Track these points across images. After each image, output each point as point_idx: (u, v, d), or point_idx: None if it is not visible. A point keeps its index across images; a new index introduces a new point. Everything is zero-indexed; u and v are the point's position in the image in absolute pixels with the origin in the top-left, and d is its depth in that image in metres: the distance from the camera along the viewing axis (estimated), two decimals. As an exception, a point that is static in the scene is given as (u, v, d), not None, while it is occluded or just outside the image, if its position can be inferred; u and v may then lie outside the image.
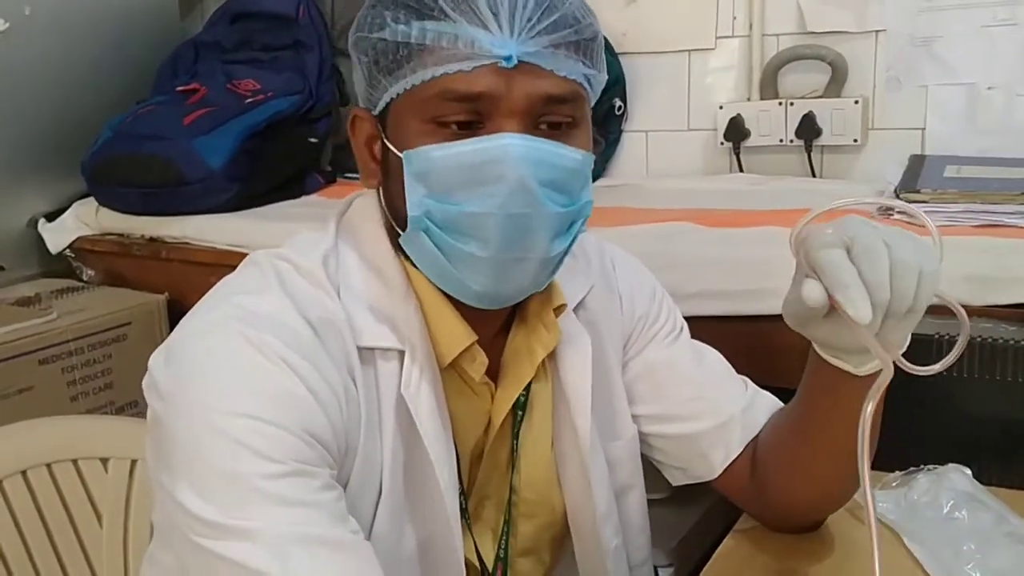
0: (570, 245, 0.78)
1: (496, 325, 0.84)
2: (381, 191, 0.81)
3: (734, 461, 0.91)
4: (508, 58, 0.70)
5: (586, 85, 0.76)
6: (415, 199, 0.74)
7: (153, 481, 0.73)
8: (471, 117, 0.72)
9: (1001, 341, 1.02)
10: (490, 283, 0.75)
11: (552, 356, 0.86)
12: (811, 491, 0.88)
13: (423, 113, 0.73)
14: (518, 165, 0.70)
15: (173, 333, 0.74)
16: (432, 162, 0.72)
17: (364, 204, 0.84)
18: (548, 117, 0.74)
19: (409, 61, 0.72)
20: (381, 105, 0.76)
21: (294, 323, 0.72)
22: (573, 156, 0.74)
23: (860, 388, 0.71)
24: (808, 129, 1.81)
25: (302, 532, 0.65)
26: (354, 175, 2.14)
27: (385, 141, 0.77)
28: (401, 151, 0.74)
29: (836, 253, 0.70)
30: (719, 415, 0.91)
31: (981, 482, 0.94)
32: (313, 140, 2.01)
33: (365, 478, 0.75)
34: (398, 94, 0.74)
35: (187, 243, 1.80)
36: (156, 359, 0.73)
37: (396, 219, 0.78)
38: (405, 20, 0.72)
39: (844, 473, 0.83)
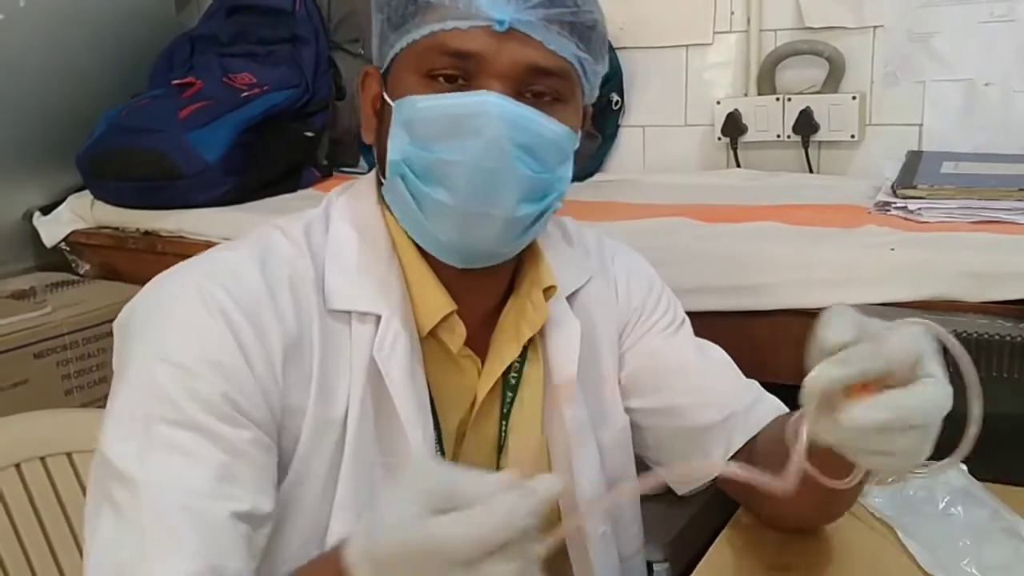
0: (541, 215, 0.80)
1: (486, 299, 0.85)
2: (376, 148, 0.84)
3: (734, 456, 0.90)
4: (501, 22, 0.74)
5: (577, 66, 0.79)
6: (397, 145, 0.78)
7: None
8: (460, 74, 0.76)
9: (998, 337, 1.02)
10: (456, 235, 0.78)
11: (543, 338, 0.87)
12: (804, 508, 0.87)
13: (418, 66, 0.77)
14: (495, 122, 0.74)
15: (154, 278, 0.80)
16: (417, 111, 0.76)
17: (362, 182, 0.87)
18: (533, 87, 0.77)
19: (414, 17, 0.77)
20: (387, 61, 0.81)
21: (249, 276, 0.76)
22: (551, 126, 0.77)
23: None
24: (805, 125, 1.81)
25: (179, 488, 0.68)
26: (351, 169, 2.15)
27: (384, 95, 0.81)
28: (394, 100, 0.79)
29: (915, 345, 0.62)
30: (722, 409, 0.91)
31: (977, 478, 0.94)
32: (309, 134, 2.01)
33: (319, 439, 0.76)
34: (401, 48, 0.79)
35: (182, 237, 1.80)
36: (131, 300, 0.78)
37: (384, 172, 0.82)
38: None
39: (838, 497, 0.78)
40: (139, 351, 0.73)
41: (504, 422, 0.87)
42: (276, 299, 0.76)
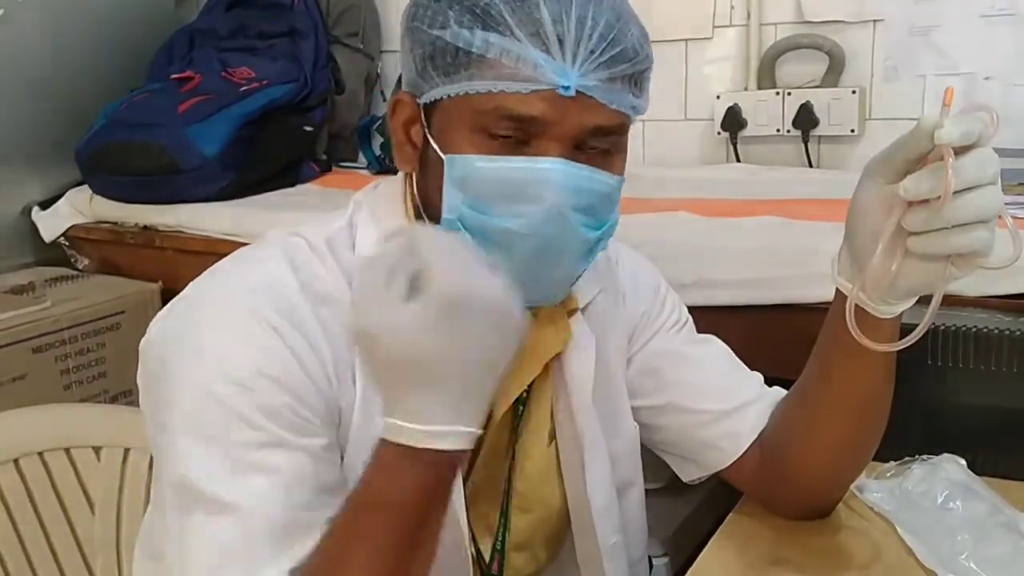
0: (590, 263, 0.80)
1: None
2: (415, 177, 0.82)
3: (747, 451, 0.91)
4: (567, 88, 0.71)
5: (632, 115, 0.77)
6: (452, 203, 0.75)
7: (151, 440, 0.75)
8: (520, 136, 0.73)
9: (997, 331, 1.02)
10: None
11: (557, 355, 0.86)
12: (823, 456, 0.87)
13: (473, 123, 0.73)
14: (557, 191, 0.72)
15: (176, 297, 0.77)
16: (475, 171, 0.73)
17: (389, 187, 0.84)
18: (592, 143, 0.75)
19: (467, 68, 0.72)
20: (429, 98, 0.76)
21: (290, 294, 0.74)
22: (609, 182, 0.76)
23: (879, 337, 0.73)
24: (805, 119, 1.80)
25: (277, 505, 0.68)
26: (349, 164, 2.15)
27: (428, 135, 0.77)
28: (445, 151, 0.75)
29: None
30: (728, 403, 0.91)
31: (976, 472, 0.94)
32: (308, 128, 2.00)
33: (363, 454, 0.75)
34: (449, 95, 0.74)
35: (181, 231, 1.80)
36: (155, 322, 0.76)
37: (427, 208, 0.79)
38: (469, 26, 0.72)
39: (858, 434, 0.86)
40: (190, 372, 0.71)
41: (514, 433, 0.87)
42: (320, 316, 0.74)
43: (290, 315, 0.73)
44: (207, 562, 0.68)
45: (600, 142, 0.75)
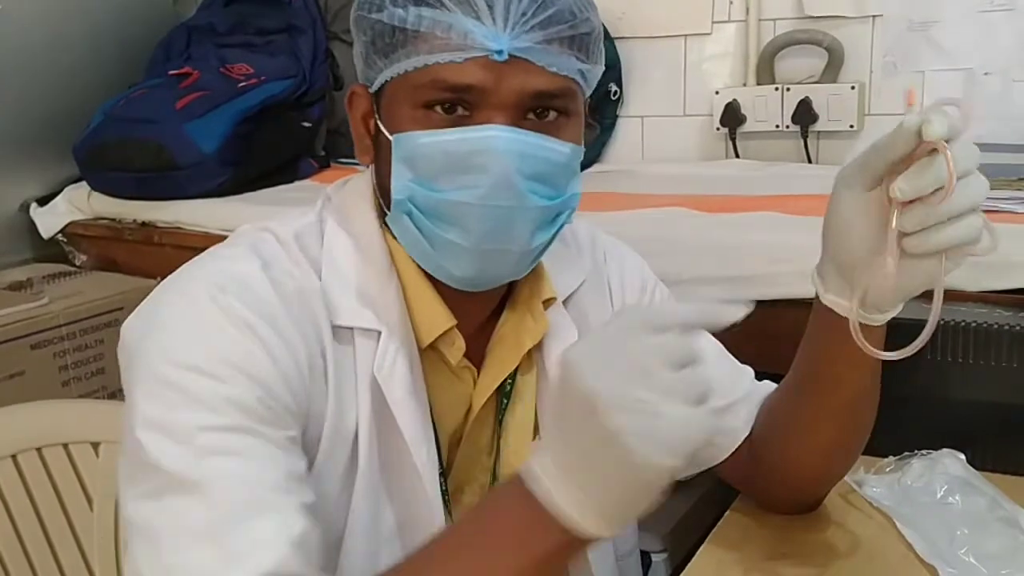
0: (553, 236, 0.78)
1: (484, 311, 0.84)
2: (373, 169, 0.82)
3: (739, 447, 0.90)
4: (499, 52, 0.70)
5: (579, 80, 0.76)
6: (400, 183, 0.75)
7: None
8: (463, 108, 0.73)
9: (996, 326, 1.02)
10: (471, 270, 0.76)
11: (539, 347, 0.86)
12: (813, 458, 0.87)
13: (414, 100, 0.73)
14: (502, 158, 0.71)
15: (146, 298, 0.77)
16: (419, 148, 0.73)
17: (358, 183, 0.84)
18: (537, 110, 0.74)
19: (404, 46, 0.73)
20: (376, 85, 0.77)
21: (260, 288, 0.73)
22: (560, 149, 0.74)
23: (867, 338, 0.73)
24: (804, 115, 1.80)
25: (243, 485, 0.66)
26: (348, 160, 2.14)
27: (378, 121, 0.78)
28: (392, 134, 0.75)
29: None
30: (720, 400, 0.89)
31: (975, 467, 0.94)
32: (307, 124, 2.00)
33: (335, 448, 0.75)
34: (391, 77, 0.75)
35: (179, 228, 1.80)
36: (125, 324, 0.76)
37: (384, 198, 0.79)
38: (403, 4, 0.72)
39: (847, 435, 0.86)
40: (159, 364, 0.70)
41: (498, 428, 0.86)
42: (290, 310, 0.73)
43: (260, 310, 0.72)
44: (176, 543, 0.65)
45: (547, 108, 0.74)
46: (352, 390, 0.76)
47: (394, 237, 0.80)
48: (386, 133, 0.76)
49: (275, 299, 0.73)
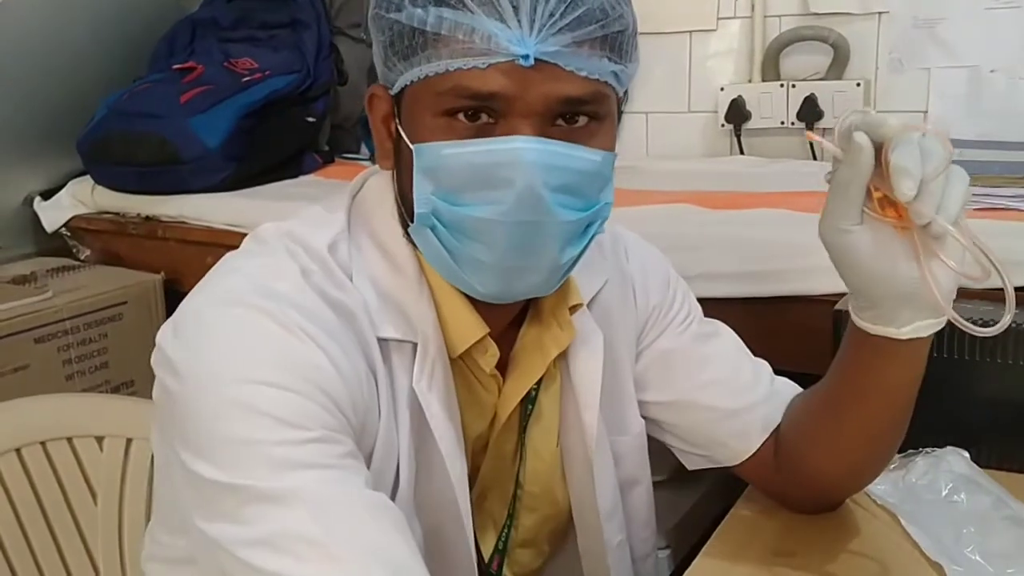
0: (584, 248, 0.74)
1: (508, 318, 0.81)
2: (394, 174, 0.78)
3: (759, 449, 0.89)
4: (525, 57, 0.66)
5: (613, 82, 0.71)
6: (422, 196, 0.71)
7: (161, 457, 0.71)
8: (488, 116, 0.69)
9: (1002, 324, 1.01)
10: (497, 286, 0.73)
11: (563, 352, 0.84)
12: (840, 470, 0.87)
13: (436, 106, 0.69)
14: (528, 171, 0.67)
15: (182, 307, 0.72)
16: (441, 159, 0.69)
17: (378, 185, 0.80)
18: (567, 116, 0.70)
19: (424, 49, 0.68)
20: (397, 87, 0.73)
21: (314, 304, 0.70)
22: (591, 158, 0.70)
23: (901, 357, 0.73)
24: (809, 111, 1.80)
25: (339, 492, 0.63)
26: (352, 155, 2.15)
27: (398, 126, 0.74)
28: (413, 141, 0.71)
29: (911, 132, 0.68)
30: (738, 401, 0.89)
31: (980, 465, 0.93)
32: (310, 119, 2.00)
33: (384, 464, 0.74)
34: (411, 81, 0.70)
35: (183, 222, 1.79)
36: (165, 334, 0.71)
37: (406, 206, 0.75)
38: (422, 4, 0.68)
39: (875, 450, 0.85)
40: (223, 386, 0.65)
41: (523, 434, 0.85)
42: (341, 321, 0.71)
43: (319, 322, 0.69)
44: (286, 560, 0.60)
45: (577, 114, 0.69)
46: (392, 404, 0.74)
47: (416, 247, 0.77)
48: (407, 141, 0.72)
49: (329, 313, 0.70)
